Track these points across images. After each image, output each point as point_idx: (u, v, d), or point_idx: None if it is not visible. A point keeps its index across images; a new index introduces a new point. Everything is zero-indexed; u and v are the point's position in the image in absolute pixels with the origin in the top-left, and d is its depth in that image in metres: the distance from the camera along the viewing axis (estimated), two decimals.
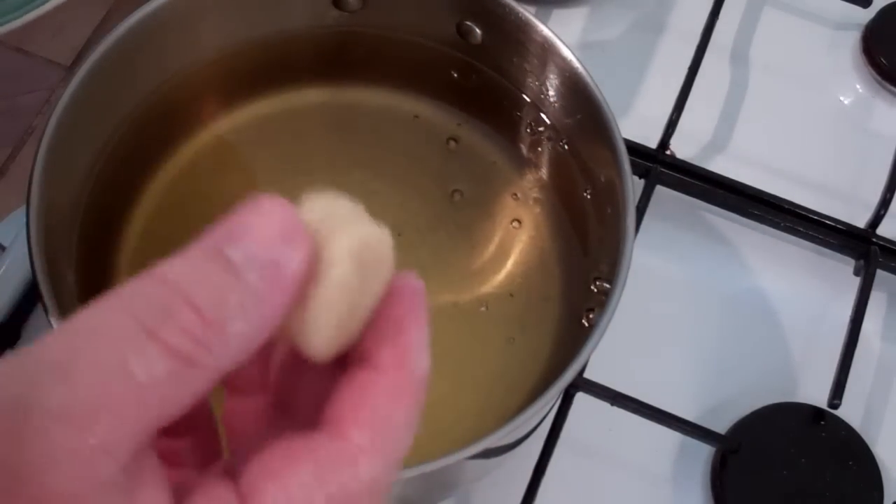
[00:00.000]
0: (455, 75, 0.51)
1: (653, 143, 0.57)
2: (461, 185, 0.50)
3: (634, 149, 0.56)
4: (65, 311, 0.39)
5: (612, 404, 0.49)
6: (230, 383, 0.26)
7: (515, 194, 0.50)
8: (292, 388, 0.26)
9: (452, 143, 0.51)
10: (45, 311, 0.38)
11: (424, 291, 0.24)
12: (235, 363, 0.21)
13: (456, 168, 0.50)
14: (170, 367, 0.20)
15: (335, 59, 0.52)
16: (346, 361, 0.24)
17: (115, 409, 0.20)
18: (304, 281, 0.22)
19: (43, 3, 0.38)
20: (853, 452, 0.50)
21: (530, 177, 0.50)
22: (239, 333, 0.21)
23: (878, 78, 0.62)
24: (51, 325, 0.38)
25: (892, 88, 0.62)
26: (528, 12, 0.46)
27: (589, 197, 0.48)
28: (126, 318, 0.20)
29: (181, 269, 0.21)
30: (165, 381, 0.20)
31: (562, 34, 0.46)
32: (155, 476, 0.21)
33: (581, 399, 0.49)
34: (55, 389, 0.19)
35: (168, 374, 0.20)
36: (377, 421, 0.23)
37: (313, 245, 0.22)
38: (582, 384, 0.49)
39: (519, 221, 0.49)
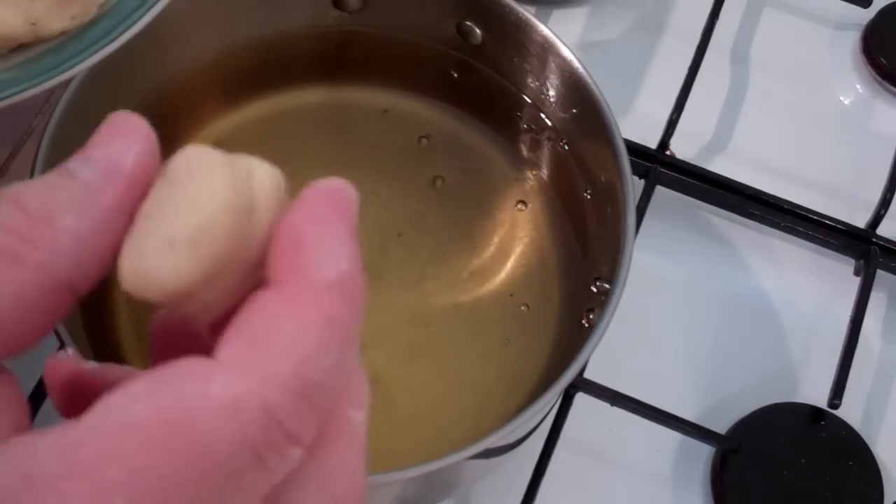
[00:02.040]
0: (455, 75, 0.51)
1: (653, 143, 0.57)
2: (460, 184, 0.50)
3: (634, 149, 0.56)
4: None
5: (612, 404, 0.49)
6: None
7: (515, 194, 0.50)
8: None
9: (453, 144, 0.51)
10: None
11: (342, 190, 0.22)
12: (74, 261, 0.20)
13: (456, 168, 0.50)
14: None
15: (335, 59, 0.52)
16: None
17: None
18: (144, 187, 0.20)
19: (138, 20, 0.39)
20: (853, 452, 0.50)
21: (530, 177, 0.50)
22: (70, 228, 0.20)
23: (878, 78, 0.62)
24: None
25: (892, 88, 0.62)
26: (528, 12, 0.46)
27: (589, 197, 0.48)
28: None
29: (21, 185, 0.20)
30: None
31: (562, 34, 0.46)
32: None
33: (581, 399, 0.49)
34: None
35: None
36: (255, 335, 0.19)
37: (155, 147, 0.21)
38: (582, 384, 0.49)
39: (519, 222, 0.49)
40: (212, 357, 0.19)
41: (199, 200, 0.20)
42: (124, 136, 0.21)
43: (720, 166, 0.57)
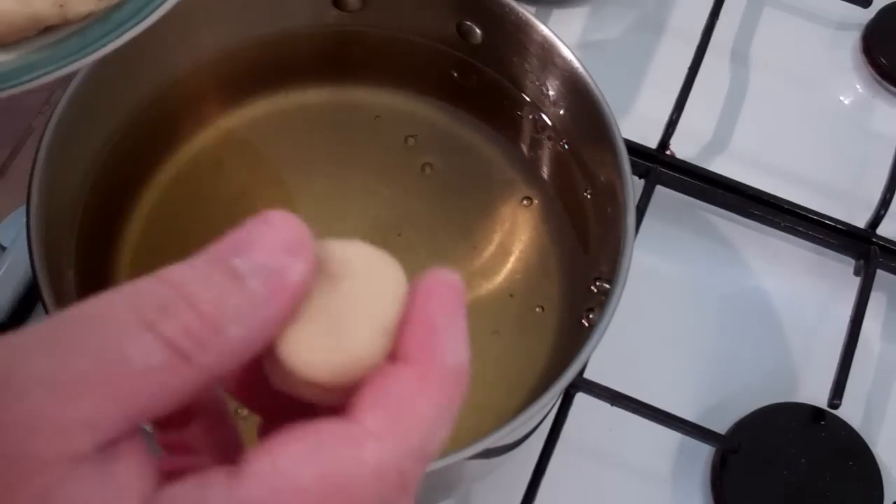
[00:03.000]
0: (455, 75, 0.51)
1: (653, 143, 0.57)
2: (460, 184, 0.50)
3: (634, 149, 0.56)
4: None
5: (612, 404, 0.49)
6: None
7: (516, 194, 0.50)
8: None
9: (453, 144, 0.51)
10: (46, 310, 0.38)
11: (459, 285, 0.24)
12: (231, 367, 0.21)
13: (456, 168, 0.50)
14: (165, 358, 0.20)
15: (335, 58, 0.52)
16: None
17: (102, 386, 0.20)
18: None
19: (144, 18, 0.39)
20: (853, 452, 0.50)
21: (530, 177, 0.50)
22: (236, 336, 0.21)
23: (878, 78, 0.62)
24: None
25: (892, 88, 0.62)
26: (528, 12, 0.46)
27: (589, 197, 0.48)
28: (126, 309, 0.21)
29: (185, 273, 0.22)
30: (158, 372, 0.20)
31: (562, 34, 0.46)
32: (136, 458, 0.21)
33: (581, 399, 0.49)
34: (44, 360, 0.20)
35: (162, 365, 0.20)
36: (394, 407, 0.22)
37: (317, 258, 0.23)
38: (582, 384, 0.49)
39: (519, 222, 0.49)
40: (351, 419, 0.22)
41: (385, 297, 0.23)
42: (295, 248, 0.22)
43: (720, 166, 0.57)
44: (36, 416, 0.19)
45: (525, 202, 0.50)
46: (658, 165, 0.56)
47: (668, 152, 0.57)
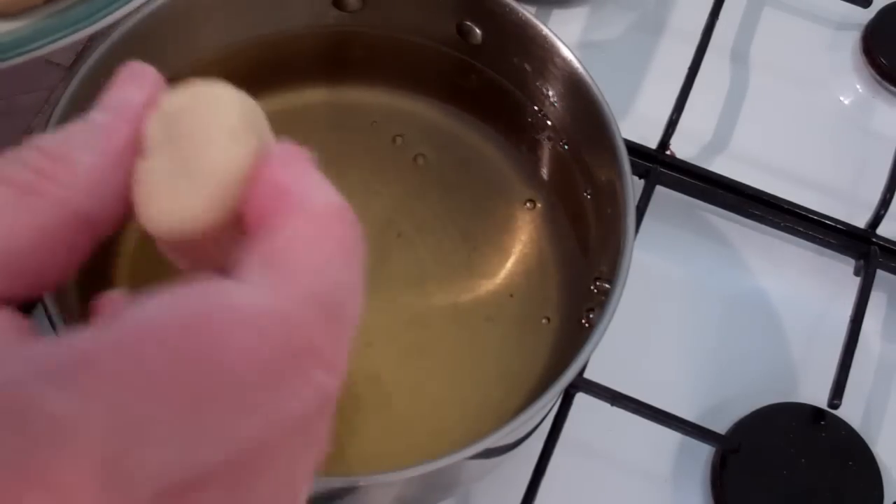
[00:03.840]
0: (455, 75, 0.51)
1: (653, 143, 0.57)
2: (460, 185, 0.50)
3: (634, 149, 0.56)
4: (65, 311, 0.39)
5: (612, 404, 0.49)
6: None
7: (516, 195, 0.50)
8: None
9: (452, 144, 0.51)
10: (46, 311, 0.38)
11: (303, 150, 0.24)
12: (91, 195, 0.21)
13: (456, 169, 0.50)
14: (7, 195, 0.20)
15: (335, 59, 0.52)
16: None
17: None
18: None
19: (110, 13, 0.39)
20: (853, 452, 0.50)
21: (530, 177, 0.50)
22: (86, 164, 0.21)
23: (878, 78, 0.62)
24: (51, 325, 0.38)
25: (892, 88, 0.62)
26: (528, 12, 0.46)
27: (589, 197, 0.48)
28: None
29: (44, 134, 0.22)
30: (3, 210, 0.20)
31: (562, 34, 0.46)
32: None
33: (581, 399, 0.49)
34: None
35: (5, 203, 0.20)
36: (268, 254, 0.20)
37: (164, 88, 0.23)
38: (582, 384, 0.49)
39: (519, 222, 0.49)
40: (226, 277, 0.20)
41: (222, 142, 0.22)
42: (135, 81, 0.23)
43: (720, 166, 0.57)
44: None
45: (528, 205, 0.50)
46: (658, 165, 0.56)
47: (668, 152, 0.57)
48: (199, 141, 0.22)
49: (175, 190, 0.21)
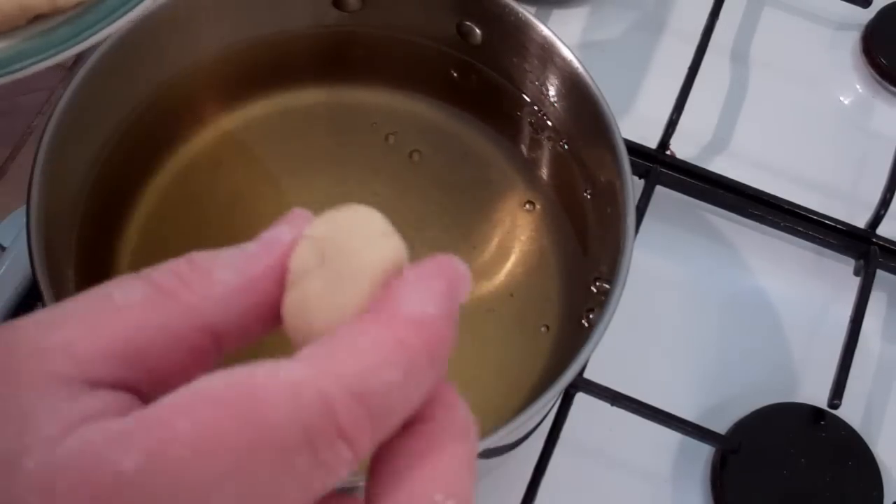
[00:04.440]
0: (455, 75, 0.51)
1: (653, 143, 0.57)
2: (460, 184, 0.50)
3: (634, 149, 0.56)
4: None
5: (612, 404, 0.49)
6: None
7: (516, 195, 0.50)
8: None
9: (452, 144, 0.51)
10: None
11: (455, 264, 0.25)
12: (222, 309, 0.22)
13: (456, 169, 0.50)
14: (146, 293, 0.21)
15: (335, 59, 0.52)
16: None
17: (81, 317, 0.21)
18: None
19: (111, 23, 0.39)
20: (853, 452, 0.50)
21: (530, 177, 0.50)
22: (224, 279, 0.22)
23: (878, 78, 0.62)
24: None
25: (892, 88, 0.62)
26: (528, 12, 0.46)
27: (589, 197, 0.48)
28: (131, 277, 0.22)
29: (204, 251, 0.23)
30: (138, 306, 0.21)
31: (562, 34, 0.46)
32: (108, 397, 0.21)
33: (581, 399, 0.49)
34: (42, 311, 0.22)
35: (142, 300, 0.21)
36: (327, 341, 0.22)
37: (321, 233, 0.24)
38: (582, 384, 0.49)
39: (519, 222, 0.49)
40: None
41: (372, 241, 0.24)
42: (290, 221, 0.24)
43: (720, 166, 0.57)
44: (19, 341, 0.21)
45: (528, 205, 0.50)
46: (658, 165, 0.56)
47: (668, 152, 0.57)
48: (350, 248, 0.23)
49: (329, 298, 0.23)
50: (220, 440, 0.19)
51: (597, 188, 0.47)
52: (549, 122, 0.50)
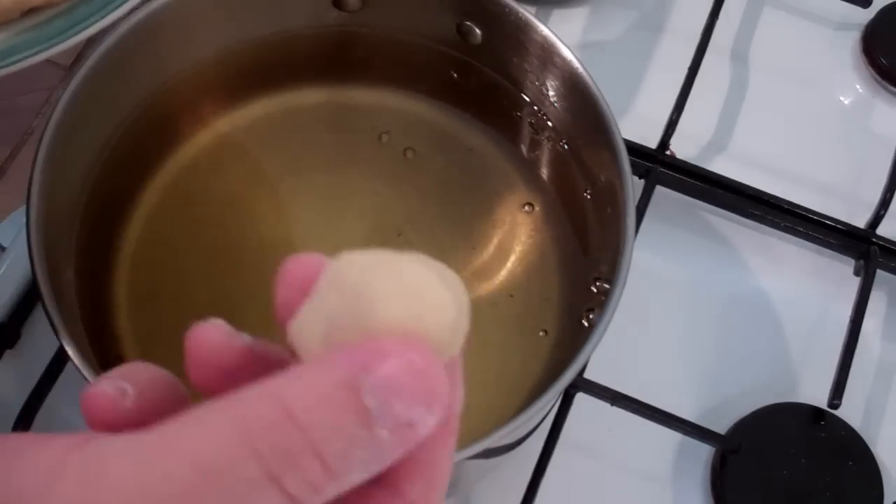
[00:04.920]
0: (455, 75, 0.51)
1: (653, 143, 0.57)
2: (460, 185, 0.50)
3: (634, 149, 0.56)
4: (65, 310, 0.39)
5: (612, 404, 0.49)
6: None
7: (515, 195, 0.50)
8: None
9: (452, 144, 0.51)
10: (46, 311, 0.38)
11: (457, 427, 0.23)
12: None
13: (456, 169, 0.50)
14: None
15: (335, 59, 0.52)
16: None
17: None
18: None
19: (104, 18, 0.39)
20: (853, 452, 0.50)
21: (530, 177, 0.50)
22: (353, 481, 0.20)
23: (878, 78, 0.62)
24: (51, 325, 0.38)
25: (892, 88, 0.62)
26: (528, 12, 0.46)
27: (589, 197, 0.48)
28: (248, 455, 0.19)
29: (311, 406, 0.20)
30: None
31: (562, 34, 0.46)
32: None
33: (581, 399, 0.49)
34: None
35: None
36: (427, 477, 0.22)
37: (448, 405, 0.21)
38: (582, 384, 0.49)
39: (519, 222, 0.49)
40: (396, 491, 0.22)
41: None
42: (428, 397, 0.21)
43: (720, 166, 0.57)
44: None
45: (528, 205, 0.50)
46: (658, 165, 0.56)
47: (668, 152, 0.57)
48: (374, 308, 0.21)
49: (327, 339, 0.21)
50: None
51: (597, 188, 0.47)
52: (549, 122, 0.50)
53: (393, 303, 0.21)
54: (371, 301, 0.21)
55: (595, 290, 0.46)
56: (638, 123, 0.57)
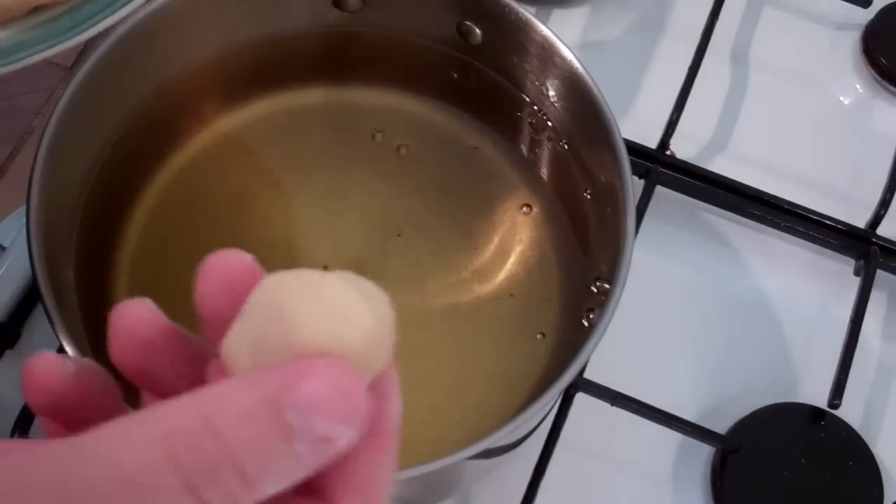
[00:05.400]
0: (455, 75, 0.51)
1: (653, 143, 0.57)
2: (460, 185, 0.50)
3: (634, 149, 0.56)
4: (65, 310, 0.39)
5: (612, 404, 0.49)
6: None
7: (515, 195, 0.50)
8: None
9: (452, 144, 0.51)
10: (46, 310, 0.38)
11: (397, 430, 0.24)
12: None
13: (456, 168, 0.50)
14: None
15: (335, 59, 0.52)
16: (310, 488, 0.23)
17: None
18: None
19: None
20: (853, 452, 0.50)
21: (530, 177, 0.50)
22: (268, 492, 0.21)
23: (878, 78, 0.62)
24: (51, 325, 0.38)
25: (892, 88, 0.62)
26: (528, 12, 0.46)
27: (589, 197, 0.48)
28: (168, 465, 0.20)
29: (233, 421, 0.20)
30: None
31: (562, 34, 0.46)
32: None
33: (581, 399, 0.49)
34: None
35: None
36: (363, 488, 0.22)
37: (373, 419, 0.22)
38: (582, 384, 0.49)
39: (519, 222, 0.49)
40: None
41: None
42: (346, 415, 0.21)
43: (720, 166, 0.57)
44: None
45: (528, 205, 0.50)
46: (658, 165, 0.56)
47: (668, 152, 0.57)
48: (294, 325, 0.22)
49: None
50: None
51: (597, 188, 0.47)
52: (549, 122, 0.50)
53: (314, 323, 0.22)
54: (293, 322, 0.22)
55: (595, 290, 0.46)
56: (638, 123, 0.57)
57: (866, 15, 0.63)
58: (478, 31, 0.49)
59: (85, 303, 0.44)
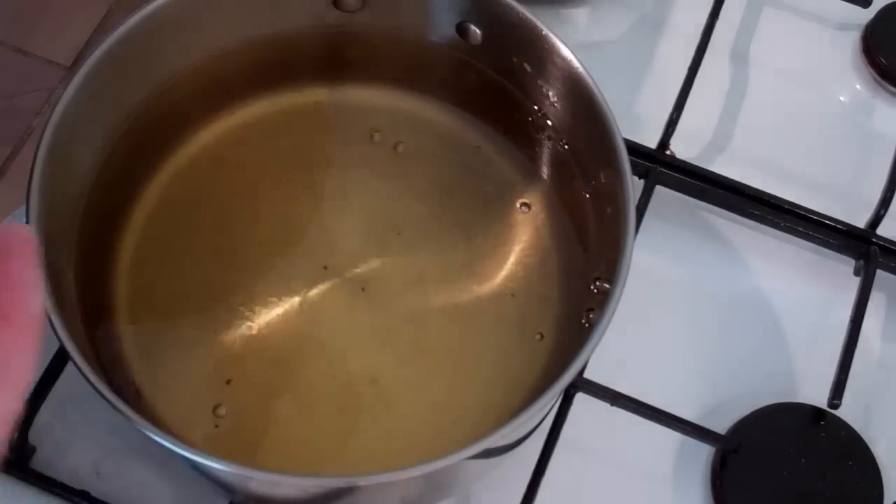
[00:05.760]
0: (455, 75, 0.51)
1: (653, 143, 0.57)
2: (460, 185, 0.50)
3: (634, 149, 0.56)
4: (65, 310, 0.39)
5: (612, 404, 0.49)
6: None
7: (515, 195, 0.50)
8: None
9: (452, 144, 0.51)
10: (46, 311, 0.38)
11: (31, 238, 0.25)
12: None
13: (456, 168, 0.50)
14: None
15: (334, 58, 0.52)
16: None
17: None
18: None
19: None
20: (853, 452, 0.50)
21: (530, 177, 0.50)
22: None
23: (878, 78, 0.62)
24: (51, 325, 0.38)
25: (892, 88, 0.62)
26: (528, 12, 0.46)
27: (589, 197, 0.48)
28: None
29: None
30: None
31: (562, 34, 0.46)
32: None
33: (581, 399, 0.49)
34: None
35: None
36: None
37: None
38: (582, 384, 0.49)
39: (519, 222, 0.49)
40: None
41: None
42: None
43: (720, 166, 0.57)
44: None
45: (524, 208, 0.50)
46: (658, 165, 0.56)
47: (668, 152, 0.57)
48: None
49: None
50: None
51: (597, 188, 0.47)
52: (549, 122, 0.50)
53: None
54: None
55: (595, 290, 0.46)
56: (638, 123, 0.57)
57: (866, 15, 0.63)
58: (478, 31, 0.49)
59: (85, 303, 0.44)
